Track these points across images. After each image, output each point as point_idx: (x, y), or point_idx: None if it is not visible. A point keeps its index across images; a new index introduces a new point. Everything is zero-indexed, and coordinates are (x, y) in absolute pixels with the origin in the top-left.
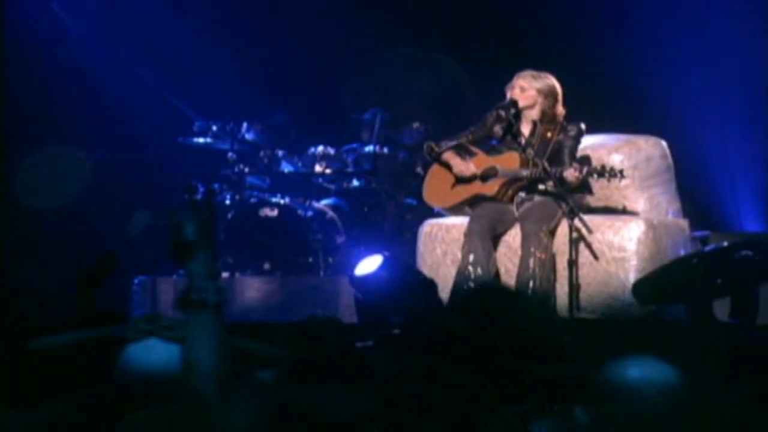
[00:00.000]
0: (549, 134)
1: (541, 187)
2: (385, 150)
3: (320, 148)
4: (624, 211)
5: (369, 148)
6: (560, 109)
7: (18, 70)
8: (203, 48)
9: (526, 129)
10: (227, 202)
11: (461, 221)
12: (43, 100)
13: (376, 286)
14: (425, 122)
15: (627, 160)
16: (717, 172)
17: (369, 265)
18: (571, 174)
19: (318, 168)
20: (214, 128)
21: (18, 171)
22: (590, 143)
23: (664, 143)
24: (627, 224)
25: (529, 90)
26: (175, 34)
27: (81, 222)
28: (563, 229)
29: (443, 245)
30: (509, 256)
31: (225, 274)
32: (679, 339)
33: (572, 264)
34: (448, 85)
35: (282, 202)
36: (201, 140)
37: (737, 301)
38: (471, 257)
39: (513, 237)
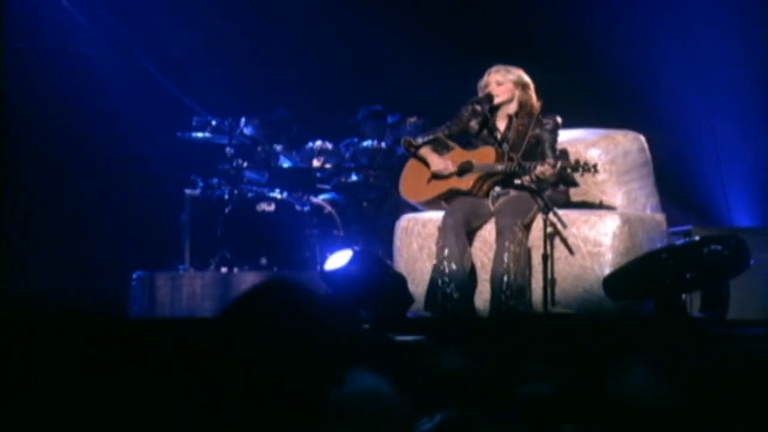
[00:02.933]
0: (525, 128)
1: (517, 181)
2: (383, 145)
3: (318, 143)
4: (601, 206)
5: (367, 143)
6: (536, 102)
7: (25, 65)
8: (204, 43)
9: (501, 123)
10: (225, 196)
11: (438, 216)
12: (43, 96)
13: (346, 281)
14: (422, 117)
15: (604, 155)
16: (706, 167)
17: (339, 259)
18: (545, 169)
19: (316, 163)
20: (213, 123)
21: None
22: (568, 138)
23: (642, 138)
24: (602, 219)
25: (506, 83)
26: (177, 30)
27: (81, 216)
28: (539, 223)
29: (419, 240)
30: (485, 250)
31: (223, 269)
32: (649, 333)
33: (547, 258)
34: None
35: (279, 196)
36: (200, 135)
37: (707, 295)
38: (445, 252)
39: (489, 231)
